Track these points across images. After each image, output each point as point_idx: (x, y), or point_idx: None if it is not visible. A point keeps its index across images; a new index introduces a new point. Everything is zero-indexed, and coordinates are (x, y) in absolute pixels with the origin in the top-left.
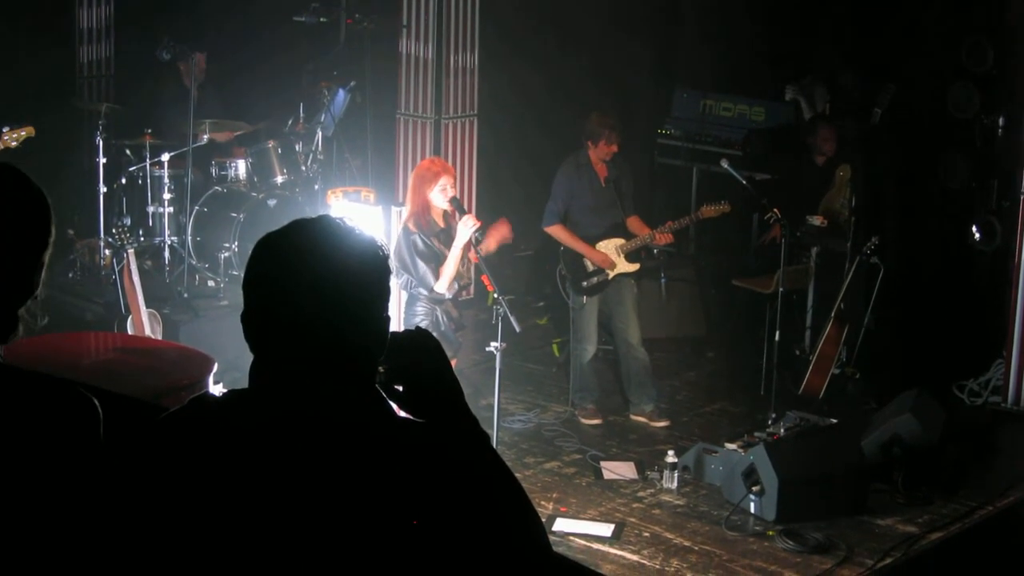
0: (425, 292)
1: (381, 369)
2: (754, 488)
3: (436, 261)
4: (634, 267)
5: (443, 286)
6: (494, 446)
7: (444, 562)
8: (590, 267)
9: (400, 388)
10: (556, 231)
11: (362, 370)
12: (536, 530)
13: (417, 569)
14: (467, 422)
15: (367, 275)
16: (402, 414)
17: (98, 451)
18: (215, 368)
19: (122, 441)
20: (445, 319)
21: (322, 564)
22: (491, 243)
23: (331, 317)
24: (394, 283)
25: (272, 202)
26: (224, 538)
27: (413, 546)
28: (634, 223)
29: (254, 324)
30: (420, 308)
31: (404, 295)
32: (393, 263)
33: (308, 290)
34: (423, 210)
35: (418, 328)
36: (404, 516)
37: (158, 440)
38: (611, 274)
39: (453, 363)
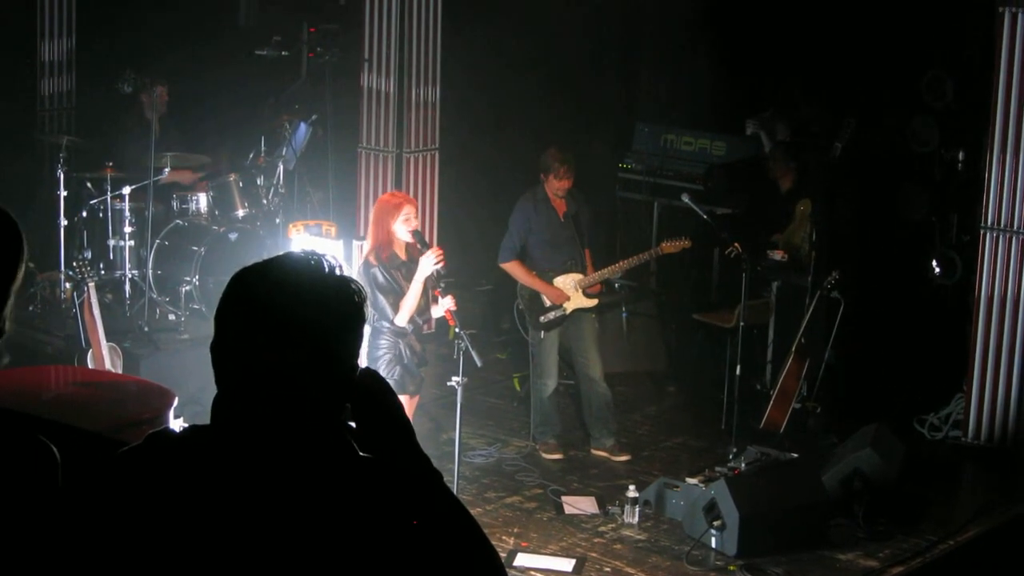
0: (388, 326)
1: (348, 406)
2: (715, 523)
3: (396, 295)
4: (592, 302)
5: (403, 319)
6: (455, 480)
7: None
8: (547, 302)
9: (353, 425)
10: (511, 268)
11: (323, 411)
12: (494, 564)
13: None
14: (419, 460)
15: (336, 319)
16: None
17: (56, 499)
18: (175, 402)
19: (80, 476)
20: (408, 353)
21: None
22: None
23: (293, 358)
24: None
25: (233, 236)
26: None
27: None
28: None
29: (219, 356)
30: (383, 341)
31: (368, 328)
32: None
33: (272, 329)
34: (386, 243)
35: (367, 369)
36: (363, 554)
37: (115, 476)
38: (569, 309)
39: (415, 399)
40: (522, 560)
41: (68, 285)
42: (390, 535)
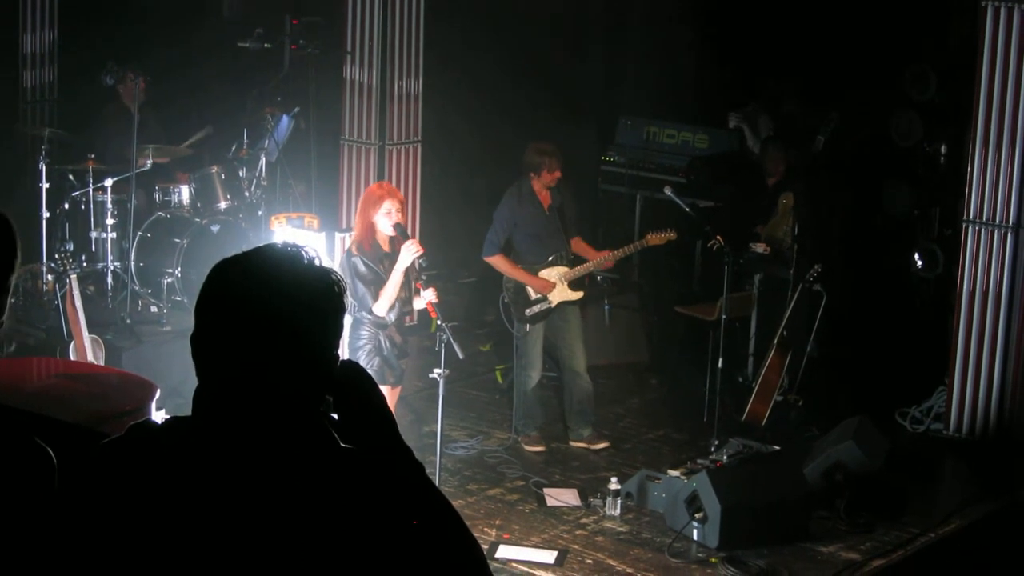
0: (369, 316)
1: (330, 398)
2: (697, 515)
3: (377, 285)
4: (577, 295)
5: (382, 309)
6: (437, 472)
7: None
8: (533, 295)
9: (335, 416)
10: (496, 261)
11: (304, 403)
12: (476, 556)
13: None
14: (401, 452)
15: (315, 310)
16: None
17: (52, 504)
18: (157, 394)
19: (63, 468)
20: (388, 345)
21: None
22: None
23: (272, 350)
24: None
25: (215, 228)
26: (160, 567)
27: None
28: (578, 244)
29: (199, 348)
30: (364, 332)
31: (349, 319)
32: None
33: (251, 321)
34: (368, 234)
35: (349, 360)
36: (343, 545)
37: (98, 467)
38: (554, 302)
39: (397, 390)
40: (504, 552)
41: (50, 277)
42: (371, 527)
